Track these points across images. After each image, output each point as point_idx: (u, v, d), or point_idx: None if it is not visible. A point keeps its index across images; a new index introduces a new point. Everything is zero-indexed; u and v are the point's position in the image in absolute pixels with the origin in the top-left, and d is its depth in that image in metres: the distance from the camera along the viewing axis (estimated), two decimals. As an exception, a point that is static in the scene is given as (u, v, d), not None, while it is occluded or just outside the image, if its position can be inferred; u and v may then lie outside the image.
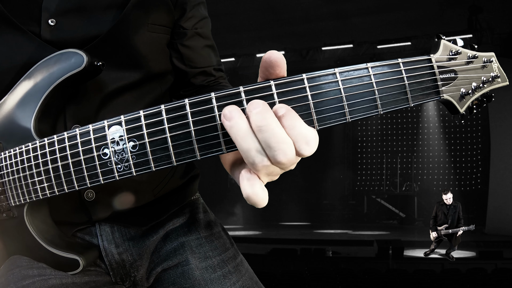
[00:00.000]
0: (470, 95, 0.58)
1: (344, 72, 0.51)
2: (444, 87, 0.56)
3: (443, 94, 0.56)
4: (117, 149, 0.57)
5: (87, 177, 0.61)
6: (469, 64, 0.58)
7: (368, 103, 0.51)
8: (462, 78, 0.58)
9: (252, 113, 0.48)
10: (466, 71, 0.58)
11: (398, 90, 0.52)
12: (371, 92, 0.51)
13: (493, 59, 0.60)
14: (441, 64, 0.56)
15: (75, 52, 0.70)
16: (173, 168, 0.94)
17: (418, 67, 0.54)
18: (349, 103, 0.51)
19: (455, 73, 0.57)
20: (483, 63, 0.59)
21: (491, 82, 0.60)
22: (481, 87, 0.59)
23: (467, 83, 0.58)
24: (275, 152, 0.48)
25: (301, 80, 0.51)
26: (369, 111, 0.52)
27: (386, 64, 0.53)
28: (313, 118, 0.51)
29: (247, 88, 0.51)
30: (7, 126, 0.74)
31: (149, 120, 0.55)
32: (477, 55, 0.59)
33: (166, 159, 0.54)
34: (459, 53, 0.58)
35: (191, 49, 0.93)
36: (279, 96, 0.51)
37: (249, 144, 0.49)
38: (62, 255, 0.74)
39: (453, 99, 0.57)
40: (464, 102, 0.58)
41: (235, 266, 0.93)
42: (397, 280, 4.93)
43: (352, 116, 0.51)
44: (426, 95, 0.54)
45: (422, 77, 0.54)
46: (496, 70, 0.61)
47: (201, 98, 0.52)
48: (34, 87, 0.72)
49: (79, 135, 0.61)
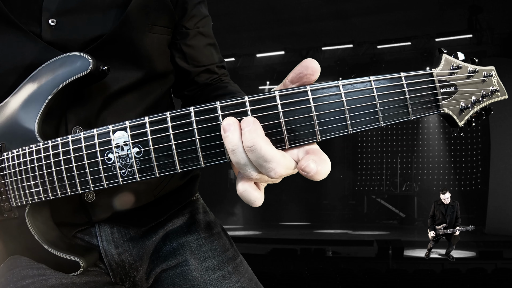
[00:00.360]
0: (470, 109, 0.59)
1: (347, 84, 0.52)
2: (444, 101, 0.57)
3: (443, 108, 0.57)
4: (122, 154, 0.58)
5: (90, 181, 0.62)
6: (469, 78, 0.59)
7: (370, 116, 0.52)
8: (462, 92, 0.58)
9: (244, 131, 0.50)
10: (466, 85, 0.59)
11: (399, 103, 0.53)
12: (373, 105, 0.52)
13: (493, 73, 0.61)
14: (442, 79, 0.57)
15: (80, 55, 0.70)
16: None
17: (419, 81, 0.54)
18: (351, 116, 0.52)
19: (455, 87, 0.58)
20: (483, 77, 0.60)
21: (490, 96, 0.60)
22: (480, 101, 0.60)
23: (466, 97, 0.59)
24: (265, 170, 0.51)
25: (305, 92, 0.52)
26: (371, 123, 0.53)
27: (388, 77, 0.53)
28: (315, 130, 0.52)
29: (252, 98, 0.52)
30: (10, 127, 0.74)
31: (154, 127, 0.55)
32: (478, 69, 0.60)
33: (170, 165, 0.55)
34: (460, 68, 0.58)
35: (194, 48, 0.94)
36: (283, 107, 0.52)
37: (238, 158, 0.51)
38: (62, 257, 0.74)
39: (452, 113, 0.58)
40: (464, 115, 0.59)
41: (234, 267, 0.93)
42: (397, 280, 4.93)
43: (354, 129, 0.52)
44: (427, 109, 0.55)
45: (423, 91, 0.55)
46: (496, 84, 0.61)
47: (206, 106, 0.53)
48: (38, 89, 0.72)
49: (83, 139, 0.62)
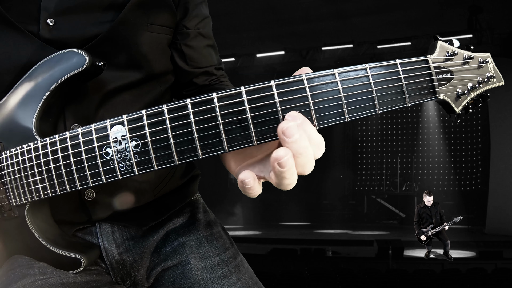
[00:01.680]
0: (466, 95, 0.60)
1: (343, 72, 0.52)
2: (441, 87, 0.57)
3: (439, 94, 0.57)
4: (120, 148, 0.57)
5: (89, 176, 0.61)
6: (465, 65, 0.59)
7: (366, 103, 0.53)
8: (458, 78, 0.59)
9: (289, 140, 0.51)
10: (462, 72, 0.59)
11: (395, 90, 0.54)
12: (369, 92, 0.53)
13: (489, 60, 0.61)
14: (438, 65, 0.57)
15: (76, 52, 0.70)
16: (173, 168, 0.94)
17: (415, 67, 0.55)
18: (347, 103, 0.52)
19: (451, 74, 0.58)
20: (479, 64, 0.60)
21: (486, 82, 0.61)
22: (476, 87, 0.60)
23: (463, 83, 0.59)
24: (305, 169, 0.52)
25: (301, 80, 0.52)
26: (367, 110, 0.53)
27: (384, 65, 0.54)
28: (312, 118, 0.52)
29: (248, 88, 0.52)
30: (8, 125, 0.74)
31: (151, 120, 0.55)
32: (473, 55, 0.60)
33: (168, 158, 0.55)
34: (455, 54, 0.59)
35: (194, 49, 0.94)
36: (279, 96, 0.52)
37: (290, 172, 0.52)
38: (63, 254, 0.74)
39: (449, 99, 0.59)
40: (460, 102, 0.60)
41: (235, 266, 0.93)
42: (397, 280, 4.94)
43: (350, 116, 0.52)
44: (423, 95, 0.56)
45: (419, 78, 0.55)
46: (492, 70, 0.62)
47: (203, 98, 0.53)
48: (35, 86, 0.72)
49: (81, 135, 0.62)
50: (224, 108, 0.52)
